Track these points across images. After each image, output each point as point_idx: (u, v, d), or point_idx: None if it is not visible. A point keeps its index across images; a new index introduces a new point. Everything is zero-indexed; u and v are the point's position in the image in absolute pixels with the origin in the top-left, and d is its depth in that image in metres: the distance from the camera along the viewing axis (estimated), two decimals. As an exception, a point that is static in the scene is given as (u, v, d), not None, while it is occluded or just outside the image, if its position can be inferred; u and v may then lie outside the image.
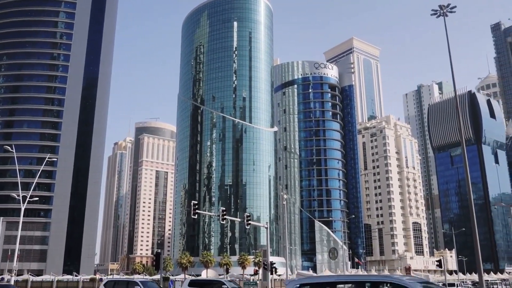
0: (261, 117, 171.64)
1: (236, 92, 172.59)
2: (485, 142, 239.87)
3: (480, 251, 38.08)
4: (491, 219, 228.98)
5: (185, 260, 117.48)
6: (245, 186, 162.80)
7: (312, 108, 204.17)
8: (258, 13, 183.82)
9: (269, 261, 56.74)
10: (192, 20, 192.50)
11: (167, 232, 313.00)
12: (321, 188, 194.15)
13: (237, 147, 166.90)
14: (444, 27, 42.48)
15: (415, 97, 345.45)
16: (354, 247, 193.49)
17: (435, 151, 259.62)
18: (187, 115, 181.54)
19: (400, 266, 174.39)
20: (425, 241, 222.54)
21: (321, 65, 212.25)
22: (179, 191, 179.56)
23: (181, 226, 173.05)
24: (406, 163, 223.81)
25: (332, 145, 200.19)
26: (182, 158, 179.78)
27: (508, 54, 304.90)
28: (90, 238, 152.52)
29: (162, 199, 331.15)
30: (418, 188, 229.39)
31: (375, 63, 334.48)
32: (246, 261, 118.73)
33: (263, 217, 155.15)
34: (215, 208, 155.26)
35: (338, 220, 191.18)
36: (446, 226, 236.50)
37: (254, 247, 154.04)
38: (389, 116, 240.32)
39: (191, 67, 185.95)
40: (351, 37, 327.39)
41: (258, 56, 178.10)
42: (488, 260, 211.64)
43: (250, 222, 56.67)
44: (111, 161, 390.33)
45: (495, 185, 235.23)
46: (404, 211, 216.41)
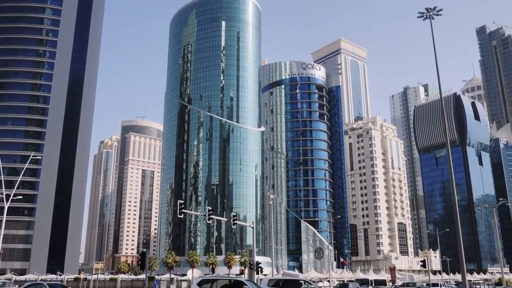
0: (249, 117, 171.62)
1: (224, 92, 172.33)
2: (469, 144, 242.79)
3: (464, 252, 38.56)
4: (474, 220, 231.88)
5: (171, 260, 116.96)
6: (232, 185, 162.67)
7: (299, 109, 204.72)
8: (246, 13, 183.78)
9: (255, 261, 56.85)
10: (180, 19, 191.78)
11: (153, 231, 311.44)
12: (307, 188, 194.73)
13: (224, 147, 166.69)
14: (431, 30, 42.93)
15: (401, 99, 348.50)
16: (339, 247, 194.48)
17: (420, 152, 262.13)
18: (174, 114, 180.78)
19: (385, 266, 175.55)
20: (410, 241, 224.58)
21: (309, 66, 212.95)
22: (165, 190, 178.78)
23: (167, 226, 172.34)
24: (391, 164, 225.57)
25: (318, 146, 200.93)
26: (168, 157, 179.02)
27: (492, 57, 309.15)
28: (75, 237, 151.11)
29: (148, 198, 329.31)
30: (404, 189, 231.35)
31: (362, 65, 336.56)
32: (232, 260, 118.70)
33: (249, 217, 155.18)
34: (202, 208, 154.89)
35: (324, 220, 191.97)
36: (430, 227, 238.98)
37: (240, 247, 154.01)
38: (375, 117, 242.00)
39: (179, 66, 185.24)
40: (339, 38, 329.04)
41: (246, 55, 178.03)
42: (471, 260, 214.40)
43: (236, 221, 56.69)
44: (97, 159, 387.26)
45: (479, 186, 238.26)
46: (390, 212, 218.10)
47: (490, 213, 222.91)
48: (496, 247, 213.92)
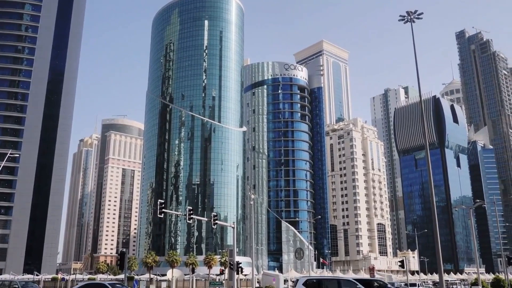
0: (230, 117, 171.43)
1: (206, 91, 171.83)
2: (448, 146, 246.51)
3: (441, 252, 39.12)
4: (452, 221, 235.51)
5: (151, 260, 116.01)
6: (213, 185, 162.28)
7: (281, 109, 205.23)
8: (230, 13, 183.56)
9: (236, 261, 56.78)
10: (162, 17, 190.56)
11: (132, 231, 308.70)
12: (288, 188, 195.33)
13: (205, 146, 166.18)
14: (411, 33, 43.49)
15: (382, 101, 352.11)
16: (320, 247, 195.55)
17: (400, 154, 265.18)
18: (155, 113, 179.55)
19: (364, 267, 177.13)
20: (389, 242, 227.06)
21: (291, 67, 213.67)
22: (145, 190, 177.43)
23: (147, 225, 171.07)
24: (372, 165, 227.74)
25: (300, 146, 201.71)
26: (149, 157, 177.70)
27: (471, 61, 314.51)
28: (53, 236, 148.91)
29: (128, 197, 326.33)
30: (383, 190, 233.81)
31: (344, 66, 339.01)
32: (213, 260, 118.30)
33: (230, 217, 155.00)
34: (182, 207, 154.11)
35: (304, 221, 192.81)
36: (409, 228, 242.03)
37: (221, 247, 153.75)
38: (356, 118, 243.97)
39: (161, 64, 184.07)
40: (321, 40, 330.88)
41: (228, 55, 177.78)
42: (448, 260, 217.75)
43: (217, 221, 56.56)
44: (76, 158, 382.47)
45: (457, 188, 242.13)
46: (369, 213, 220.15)
47: (467, 214, 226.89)
48: (473, 247, 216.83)
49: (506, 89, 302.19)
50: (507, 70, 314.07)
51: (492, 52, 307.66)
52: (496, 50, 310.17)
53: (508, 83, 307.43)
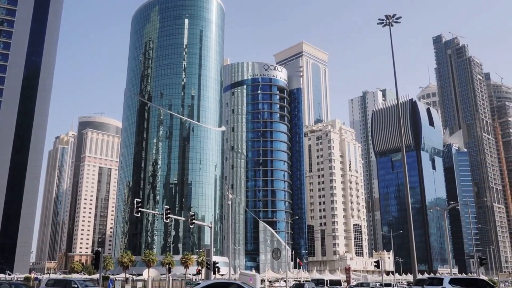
0: (209, 116, 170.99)
1: (185, 90, 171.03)
2: (423, 148, 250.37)
3: (416, 253, 39.79)
4: (426, 222, 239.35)
5: (127, 259, 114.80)
6: (191, 185, 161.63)
7: (260, 109, 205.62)
8: (210, 12, 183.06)
9: (213, 261, 56.69)
10: (142, 15, 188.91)
11: (108, 230, 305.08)
12: (266, 189, 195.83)
13: (183, 146, 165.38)
14: (389, 37, 44.12)
15: (360, 103, 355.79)
16: (297, 247, 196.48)
17: (377, 156, 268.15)
18: (133, 111, 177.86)
19: (340, 267, 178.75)
20: (365, 242, 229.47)
21: (271, 67, 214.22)
22: (122, 189, 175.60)
23: (124, 224, 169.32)
24: (349, 166, 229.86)
25: (278, 147, 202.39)
26: (127, 155, 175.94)
27: (447, 65, 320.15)
28: (26, 235, 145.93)
29: (104, 196, 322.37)
30: (360, 191, 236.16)
31: (323, 68, 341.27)
32: (189, 260, 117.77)
33: (208, 217, 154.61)
34: (159, 207, 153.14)
35: (282, 221, 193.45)
36: (385, 228, 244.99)
37: (198, 246, 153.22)
38: (334, 120, 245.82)
39: (140, 62, 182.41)
40: (301, 41, 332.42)
41: (208, 54, 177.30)
42: (423, 261, 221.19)
43: (195, 221, 56.40)
44: (52, 155, 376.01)
45: (432, 190, 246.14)
46: (346, 213, 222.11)
47: (441, 216, 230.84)
48: (446, 248, 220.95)
49: (480, 94, 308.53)
50: (482, 75, 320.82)
51: (468, 57, 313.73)
52: (471, 55, 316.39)
53: (482, 88, 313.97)
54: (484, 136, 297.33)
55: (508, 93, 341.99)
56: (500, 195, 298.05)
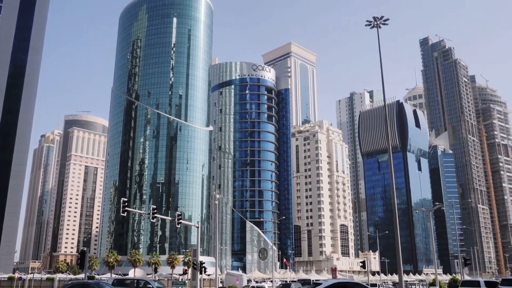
0: (197, 116, 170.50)
1: (173, 89, 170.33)
2: (409, 150, 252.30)
3: (401, 253, 40.05)
4: (412, 223, 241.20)
5: (112, 259, 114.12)
6: (178, 184, 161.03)
7: (248, 109, 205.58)
8: (198, 11, 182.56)
9: (199, 261, 56.50)
10: (130, 13, 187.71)
11: (94, 229, 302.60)
12: (253, 189, 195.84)
13: (171, 145, 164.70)
14: (377, 38, 44.35)
15: (348, 104, 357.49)
16: (283, 248, 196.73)
17: (363, 157, 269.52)
18: (120, 109, 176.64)
19: (326, 267, 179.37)
20: (351, 243, 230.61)
21: (259, 67, 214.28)
22: (108, 188, 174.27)
23: (110, 224, 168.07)
24: (336, 167, 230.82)
25: (266, 147, 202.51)
26: (113, 154, 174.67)
27: (434, 68, 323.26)
28: (10, 234, 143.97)
29: (90, 195, 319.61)
30: (347, 192, 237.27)
31: (311, 69, 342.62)
32: (176, 260, 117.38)
33: (194, 216, 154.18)
34: (146, 206, 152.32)
35: (269, 221, 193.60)
36: (371, 229, 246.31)
37: (185, 246, 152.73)
38: (322, 121, 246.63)
39: (127, 61, 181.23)
40: (289, 42, 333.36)
41: (196, 54, 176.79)
42: (408, 261, 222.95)
43: (181, 221, 56.14)
44: (37, 154, 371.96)
45: (417, 191, 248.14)
46: (333, 214, 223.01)
47: (426, 217, 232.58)
48: (431, 249, 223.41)
49: (466, 96, 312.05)
50: (467, 78, 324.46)
51: (454, 60, 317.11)
52: (457, 58, 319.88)
53: (468, 90, 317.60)
54: (469, 138, 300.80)
55: (493, 95, 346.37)
56: (484, 196, 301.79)
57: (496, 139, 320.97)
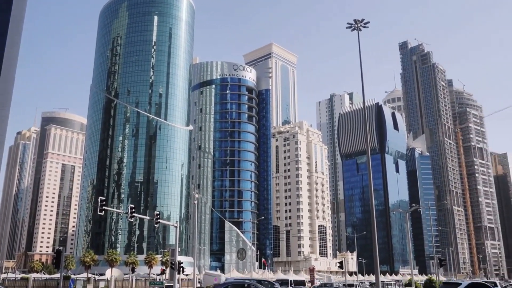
0: (177, 115, 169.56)
1: (153, 88, 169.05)
2: (388, 152, 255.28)
3: (378, 254, 40.52)
4: (389, 224, 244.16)
5: (89, 258, 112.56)
6: (157, 184, 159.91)
7: (229, 109, 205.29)
8: (180, 10, 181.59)
9: (177, 261, 56.24)
10: (110, 10, 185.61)
11: (71, 229, 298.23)
12: (233, 189, 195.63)
13: (150, 144, 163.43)
14: (358, 41, 44.79)
15: (328, 106, 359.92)
16: (262, 248, 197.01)
17: (343, 158, 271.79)
18: (99, 107, 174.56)
19: (305, 267, 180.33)
20: (329, 243, 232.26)
21: (240, 67, 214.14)
22: (86, 187, 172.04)
23: (87, 223, 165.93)
24: (315, 168, 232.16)
25: (246, 147, 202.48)
26: (91, 152, 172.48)
27: (412, 71, 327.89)
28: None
29: (67, 194, 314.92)
30: (326, 193, 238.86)
31: (292, 70, 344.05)
32: (154, 260, 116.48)
33: (173, 216, 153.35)
34: (124, 205, 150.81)
35: (248, 221, 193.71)
36: (349, 230, 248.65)
37: (163, 246, 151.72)
38: (302, 122, 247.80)
39: (107, 58, 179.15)
40: (271, 43, 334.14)
41: (177, 53, 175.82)
42: (385, 262, 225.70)
43: (160, 220, 55.79)
44: (13, 151, 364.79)
45: (395, 192, 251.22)
46: (311, 214, 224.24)
47: (403, 218, 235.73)
48: (408, 250, 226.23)
49: (443, 100, 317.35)
50: (445, 82, 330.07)
51: (432, 64, 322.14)
52: (435, 62, 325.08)
53: (445, 94, 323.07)
54: (445, 141, 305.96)
55: (469, 99, 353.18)
56: (460, 198, 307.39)
57: (471, 142, 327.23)
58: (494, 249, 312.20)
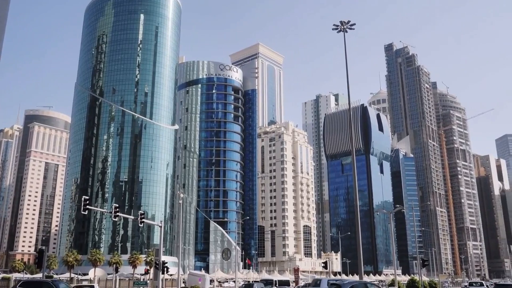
0: (163, 114, 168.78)
1: (138, 87, 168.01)
2: (372, 153, 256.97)
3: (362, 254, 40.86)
4: (373, 224, 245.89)
5: (72, 258, 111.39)
6: (141, 183, 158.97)
7: (215, 109, 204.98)
8: (167, 8, 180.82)
9: (161, 261, 56.00)
10: (96, 7, 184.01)
11: (53, 228, 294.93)
12: (218, 189, 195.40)
13: (135, 143, 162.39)
14: (344, 42, 45.15)
15: (313, 106, 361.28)
16: (247, 248, 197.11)
17: (328, 159, 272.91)
18: (84, 106, 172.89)
19: (289, 267, 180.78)
20: (314, 243, 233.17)
21: (226, 67, 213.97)
22: (69, 186, 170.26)
23: (70, 222, 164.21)
24: (301, 168, 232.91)
25: (232, 147, 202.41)
26: (75, 151, 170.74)
27: (397, 73, 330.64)
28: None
29: (50, 193, 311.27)
30: (311, 193, 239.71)
31: (278, 70, 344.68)
32: (138, 260, 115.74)
33: (158, 216, 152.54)
34: (108, 205, 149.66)
35: (233, 221, 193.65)
36: (333, 230, 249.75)
37: (147, 246, 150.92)
38: (288, 122, 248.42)
39: (92, 56, 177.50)
40: (257, 43, 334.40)
41: (163, 51, 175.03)
42: (369, 262, 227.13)
43: (144, 220, 55.48)
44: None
45: (379, 193, 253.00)
46: (296, 215, 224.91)
47: (387, 219, 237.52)
48: (391, 250, 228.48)
49: (427, 102, 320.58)
50: (429, 84, 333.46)
51: (417, 66, 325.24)
52: (420, 65, 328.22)
53: (429, 96, 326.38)
54: (429, 143, 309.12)
55: (453, 102, 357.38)
56: (443, 199, 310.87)
57: (455, 144, 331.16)
58: (476, 249, 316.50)
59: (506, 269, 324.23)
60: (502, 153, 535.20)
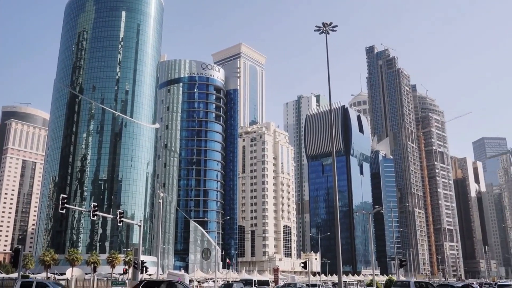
0: (143, 113, 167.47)
1: (119, 84, 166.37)
2: (353, 154, 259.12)
3: (341, 255, 41.20)
4: (353, 225, 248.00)
5: (49, 258, 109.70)
6: (121, 182, 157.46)
7: (196, 108, 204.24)
8: (149, 6, 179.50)
9: (140, 260, 55.63)
10: (76, 3, 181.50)
11: (30, 227, 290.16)
12: (199, 188, 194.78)
13: (115, 141, 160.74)
14: (325, 44, 45.40)
15: (295, 107, 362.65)
16: (227, 248, 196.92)
17: (308, 159, 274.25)
18: (63, 103, 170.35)
19: (269, 267, 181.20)
20: (294, 244, 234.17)
21: (208, 66, 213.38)
22: (47, 184, 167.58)
23: (47, 221, 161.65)
24: (282, 168, 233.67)
25: (213, 147, 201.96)
26: (54, 149, 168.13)
27: (378, 75, 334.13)
28: None
29: (27, 191, 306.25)
30: (291, 194, 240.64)
31: (261, 70, 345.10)
32: (116, 259, 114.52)
33: (137, 215, 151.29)
34: (87, 204, 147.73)
35: (213, 221, 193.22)
36: (313, 230, 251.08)
37: (126, 245, 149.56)
38: (269, 122, 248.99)
39: (72, 53, 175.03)
40: (240, 43, 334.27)
41: (145, 49, 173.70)
42: (348, 262, 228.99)
43: (123, 219, 55.08)
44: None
45: (359, 194, 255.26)
46: (277, 215, 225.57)
47: (366, 219, 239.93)
48: (370, 251, 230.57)
49: (407, 104, 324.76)
50: (409, 87, 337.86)
51: (397, 69, 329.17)
52: (400, 67, 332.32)
53: (409, 98, 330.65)
54: (408, 145, 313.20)
55: (432, 105, 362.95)
56: (421, 201, 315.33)
57: (433, 146, 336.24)
58: (452, 250, 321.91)
59: (481, 270, 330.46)
60: (479, 155, 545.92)
